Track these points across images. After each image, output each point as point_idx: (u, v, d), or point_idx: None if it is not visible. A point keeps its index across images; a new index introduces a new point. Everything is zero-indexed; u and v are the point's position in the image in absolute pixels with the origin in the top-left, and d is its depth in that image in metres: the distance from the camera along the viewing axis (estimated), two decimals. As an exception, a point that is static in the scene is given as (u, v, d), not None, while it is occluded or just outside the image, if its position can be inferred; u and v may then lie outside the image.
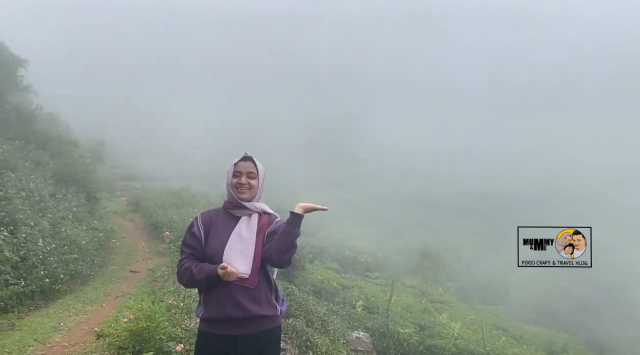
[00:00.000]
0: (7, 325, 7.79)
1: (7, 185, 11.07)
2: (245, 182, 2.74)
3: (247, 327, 2.59)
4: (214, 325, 2.61)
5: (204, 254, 2.68)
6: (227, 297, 2.57)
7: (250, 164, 2.79)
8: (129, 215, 24.58)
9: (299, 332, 7.56)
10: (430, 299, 20.33)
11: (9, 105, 15.45)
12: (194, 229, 2.74)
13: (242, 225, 2.71)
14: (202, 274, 2.55)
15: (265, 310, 2.64)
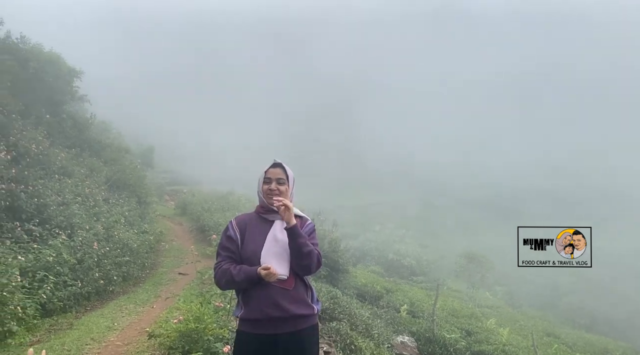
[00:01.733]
0: (66, 325, 8.21)
1: (64, 191, 11.62)
2: (275, 187, 2.81)
3: (286, 327, 2.64)
4: (253, 325, 2.66)
5: (241, 256, 2.75)
6: (266, 297, 2.62)
7: (280, 170, 2.86)
8: (177, 219, 25.36)
9: (343, 335, 7.58)
10: (477, 304, 19.84)
11: (65, 115, 16.29)
12: (230, 232, 2.82)
13: (276, 229, 2.76)
14: (242, 275, 2.62)
15: (302, 309, 2.69)
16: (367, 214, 37.03)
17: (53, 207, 10.61)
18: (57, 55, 17.55)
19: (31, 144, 11.53)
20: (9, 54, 14.55)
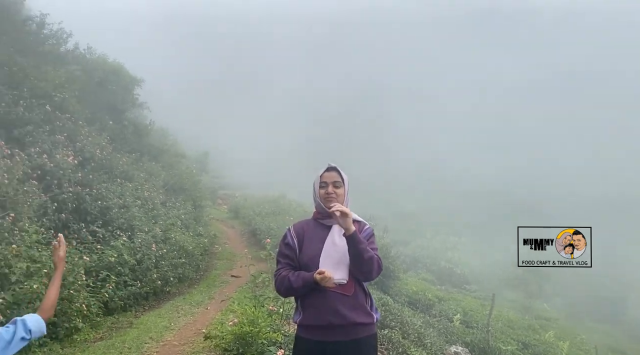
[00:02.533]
0: (126, 323, 8.56)
1: (125, 194, 12.15)
2: (332, 191, 2.78)
3: (345, 334, 2.60)
4: (312, 331, 2.65)
5: (300, 263, 2.73)
6: (325, 304, 2.59)
7: (335, 174, 2.83)
8: (230, 222, 25.95)
9: (395, 343, 7.46)
10: (534, 315, 19.03)
11: (127, 122, 17.09)
12: (288, 240, 2.80)
13: (334, 234, 2.73)
14: (300, 281, 2.61)
15: (362, 317, 2.64)
16: (417, 220, 36.45)
17: (115, 210, 11.10)
18: (120, 65, 18.48)
19: (96, 149, 12.15)
20: (77, 64, 15.48)
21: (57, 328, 7.01)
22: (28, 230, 7.50)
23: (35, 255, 7.20)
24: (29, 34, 14.33)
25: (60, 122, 11.15)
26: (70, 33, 15.97)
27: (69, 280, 7.45)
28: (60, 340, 7.00)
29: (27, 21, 14.30)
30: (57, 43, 15.48)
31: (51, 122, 10.86)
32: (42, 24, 14.82)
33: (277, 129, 58.43)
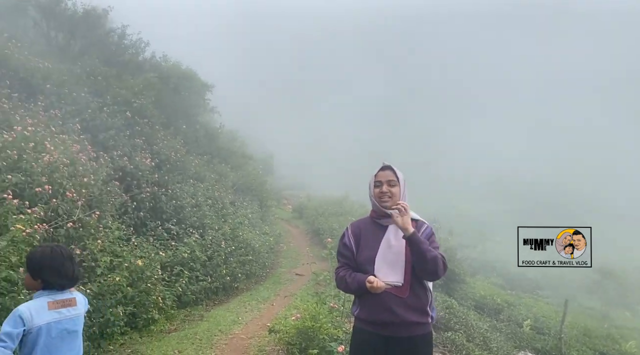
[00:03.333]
0: (197, 316, 9.04)
1: (197, 194, 12.79)
2: (386, 190, 2.77)
3: (399, 331, 2.64)
4: (368, 325, 2.72)
5: (357, 262, 2.77)
6: (380, 304, 2.64)
7: (390, 173, 2.83)
8: (294, 222, 26.49)
9: (459, 346, 7.37)
10: (613, 324, 17.87)
11: (199, 125, 17.98)
12: (345, 240, 2.86)
13: (390, 234, 2.74)
14: (355, 283, 2.67)
15: (416, 317, 2.65)
16: (484, 223, 35.27)
17: (188, 209, 11.72)
18: (193, 72, 19.46)
19: (171, 152, 12.91)
20: (153, 72, 16.50)
21: (136, 318, 7.55)
22: (111, 227, 8.14)
23: (117, 251, 7.82)
24: (111, 45, 15.48)
25: (139, 127, 11.96)
26: (148, 42, 17.09)
27: (146, 274, 8.01)
28: (139, 330, 7.53)
29: (110, 33, 15.47)
30: (136, 52, 16.63)
31: (131, 127, 11.68)
32: (123, 34, 15.98)
33: (340, 131, 58.82)
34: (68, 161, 7.58)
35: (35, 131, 7.61)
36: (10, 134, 6.99)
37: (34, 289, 2.77)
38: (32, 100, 9.37)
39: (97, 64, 12.68)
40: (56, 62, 11.69)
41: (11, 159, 6.58)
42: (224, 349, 6.69)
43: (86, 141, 9.66)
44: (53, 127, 8.71)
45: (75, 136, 9.35)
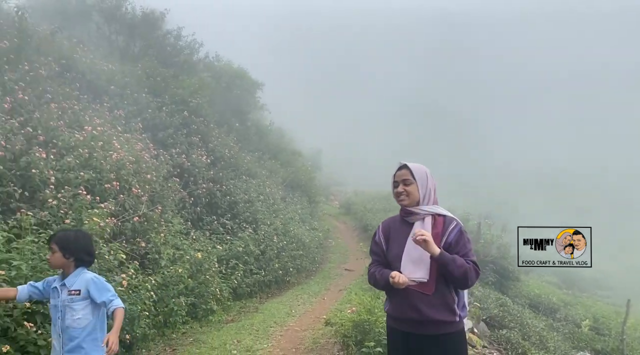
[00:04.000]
0: (252, 308, 9.35)
1: (250, 190, 13.15)
2: (402, 190, 2.78)
3: (425, 329, 2.65)
4: (397, 322, 2.77)
5: (387, 259, 2.82)
6: (406, 299, 2.67)
7: (405, 172, 2.82)
8: (341, 218, 26.61)
9: (514, 344, 7.27)
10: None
11: (250, 123, 18.43)
12: (376, 238, 2.92)
13: (415, 231, 2.71)
14: (382, 279, 2.72)
15: (442, 315, 2.63)
16: (537, 219, 34.12)
17: (241, 204, 12.09)
18: (244, 70, 19.95)
19: (225, 149, 13.33)
20: (207, 71, 17.05)
21: (196, 309, 7.91)
22: (172, 222, 8.55)
23: (178, 244, 8.21)
24: (167, 46, 16.11)
25: (195, 125, 12.43)
26: (202, 43, 17.66)
27: (204, 267, 8.37)
28: (199, 320, 7.89)
29: (167, 35, 16.11)
30: (191, 53, 17.23)
31: (188, 126, 12.16)
32: (179, 36, 16.60)
33: (385, 127, 58.53)
34: (133, 159, 8.01)
35: (102, 131, 8.09)
36: (81, 134, 7.47)
37: (64, 267, 3.11)
38: (98, 101, 9.95)
39: (156, 65, 13.26)
40: (118, 64, 12.33)
41: (83, 157, 7.04)
42: (280, 340, 6.91)
43: (147, 139, 10.15)
44: (118, 126, 9.21)
45: (138, 135, 9.85)
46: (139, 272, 6.59)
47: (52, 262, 3.11)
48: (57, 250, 3.05)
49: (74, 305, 3.05)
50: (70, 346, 3.02)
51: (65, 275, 3.11)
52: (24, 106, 7.19)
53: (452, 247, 2.68)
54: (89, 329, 3.09)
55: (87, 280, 3.11)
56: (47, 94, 8.03)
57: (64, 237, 3.11)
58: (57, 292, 3.09)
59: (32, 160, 6.19)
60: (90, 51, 11.82)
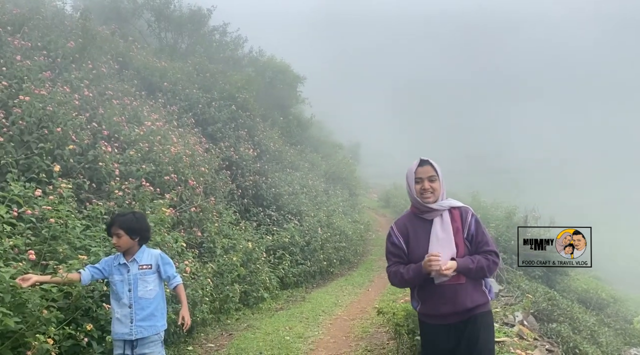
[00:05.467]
0: (299, 297, 9.60)
1: (293, 183, 13.42)
2: (428, 186, 2.76)
3: (461, 316, 2.72)
4: (431, 318, 2.81)
5: (410, 260, 2.80)
6: (441, 295, 2.70)
7: (429, 168, 2.80)
8: (381, 211, 26.59)
9: (565, 337, 7.23)
10: None
11: (292, 116, 18.71)
12: (394, 239, 2.86)
13: (436, 228, 2.75)
14: (411, 271, 2.71)
15: (476, 300, 2.71)
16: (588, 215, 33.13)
17: (286, 196, 12.36)
18: (287, 65, 20.20)
19: (270, 142, 13.66)
20: (251, 66, 17.41)
21: (248, 296, 8.23)
22: (224, 212, 8.89)
23: (231, 233, 8.55)
24: (215, 43, 16.55)
25: (242, 120, 12.78)
26: (246, 38, 18.04)
27: (254, 256, 8.68)
28: (250, 307, 8.21)
29: (213, 31, 16.55)
30: (236, 48, 17.64)
31: (235, 120, 12.52)
32: (224, 32, 17.02)
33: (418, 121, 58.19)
34: (189, 152, 8.37)
35: (160, 126, 8.48)
36: (140, 128, 7.86)
37: (130, 247, 3.38)
38: (153, 98, 10.39)
39: (204, 61, 13.68)
40: (168, 61, 12.79)
41: (143, 151, 7.42)
42: (330, 328, 7.12)
43: (199, 134, 10.54)
44: (173, 121, 9.62)
45: (190, 129, 10.24)
46: (197, 260, 6.93)
47: (120, 245, 3.36)
48: (124, 234, 3.32)
49: (147, 277, 3.38)
50: (142, 315, 3.32)
51: (132, 253, 3.40)
52: (89, 103, 7.62)
53: (474, 237, 2.77)
54: (159, 298, 3.44)
55: (156, 256, 3.48)
56: (109, 91, 8.47)
57: (127, 220, 3.37)
58: (126, 268, 3.37)
59: (99, 153, 6.59)
60: (143, 49, 12.31)
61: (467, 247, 2.75)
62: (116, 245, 3.39)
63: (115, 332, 3.36)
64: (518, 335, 6.03)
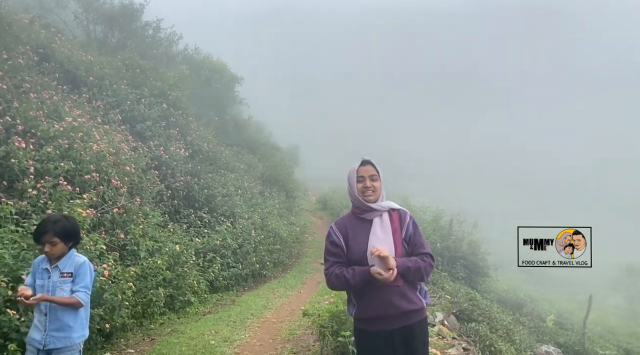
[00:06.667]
0: (229, 301, 9.45)
1: (228, 184, 13.20)
2: (369, 185, 2.78)
3: (399, 322, 2.70)
4: (367, 323, 2.75)
5: (349, 259, 2.76)
6: (379, 297, 2.67)
7: (371, 168, 2.83)
8: (319, 213, 26.78)
9: (482, 336, 7.59)
10: (639, 323, 17.74)
11: (228, 117, 18.42)
12: (334, 238, 2.82)
13: (376, 228, 2.76)
14: (357, 277, 2.65)
15: (413, 304, 2.71)
16: (511, 219, 35.13)
17: (219, 198, 12.14)
18: (223, 64, 19.87)
19: (203, 142, 13.35)
20: (186, 64, 16.97)
21: (174, 300, 7.99)
22: (151, 214, 8.59)
23: (157, 236, 8.26)
24: (146, 38, 15.97)
25: (174, 118, 12.41)
26: (181, 35, 17.55)
27: (182, 259, 8.45)
28: (176, 311, 7.97)
29: (146, 27, 15.97)
30: (170, 45, 17.10)
31: (166, 118, 12.13)
32: (158, 28, 16.46)
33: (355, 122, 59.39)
34: (113, 150, 8.02)
35: (82, 122, 8.07)
36: (60, 124, 7.45)
37: (62, 254, 3.18)
38: (77, 92, 9.87)
39: (135, 57, 13.16)
40: (96, 55, 12.20)
41: (62, 148, 7.03)
42: (257, 331, 7.06)
43: (126, 131, 10.12)
44: (97, 117, 9.18)
45: (116, 126, 9.82)
46: (118, 263, 6.65)
47: (54, 253, 3.14)
48: (59, 241, 3.12)
49: (65, 286, 3.14)
50: (56, 325, 3.11)
51: (58, 258, 3.18)
52: (2, 95, 7.13)
53: (411, 238, 2.79)
54: (75, 308, 3.19)
55: (78, 264, 3.21)
56: (26, 83, 7.96)
57: (62, 227, 3.16)
58: (47, 273, 3.15)
59: (11, 149, 6.17)
60: (68, 41, 11.67)
61: (404, 248, 2.76)
62: (49, 254, 3.13)
63: (29, 337, 3.15)
64: (438, 335, 6.27)
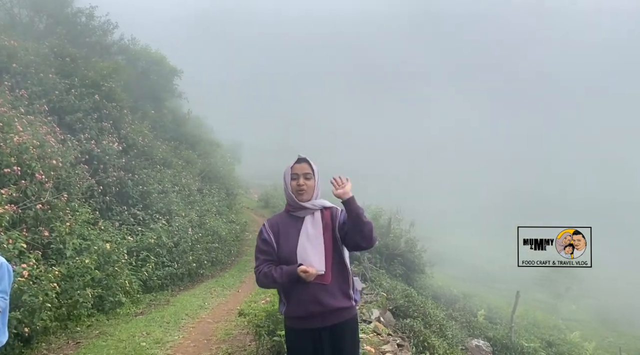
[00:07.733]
0: (164, 301, 9.15)
1: (164, 180, 12.76)
2: (303, 183, 2.78)
3: (327, 320, 2.70)
4: (298, 321, 2.75)
5: (279, 257, 2.76)
6: (306, 294, 2.67)
7: (306, 165, 2.83)
8: (260, 211, 26.57)
9: (417, 332, 7.78)
10: (561, 316, 18.93)
11: (166, 110, 17.80)
12: (265, 236, 2.81)
13: (307, 225, 2.77)
14: (284, 276, 2.65)
15: (341, 302, 2.72)
16: (447, 218, 36.48)
17: (155, 195, 11.71)
18: (162, 56, 19.18)
19: (138, 136, 12.78)
20: (122, 55, 16.21)
21: (103, 301, 7.61)
22: (79, 210, 8.12)
23: (85, 234, 7.83)
24: (78, 25, 15.11)
25: (107, 110, 11.76)
26: (116, 24, 16.71)
27: (113, 258, 8.06)
28: (106, 312, 7.60)
29: (78, 13, 15.09)
30: (104, 34, 16.25)
31: (99, 110, 11.49)
32: (91, 15, 15.59)
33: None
34: (37, 143, 7.51)
35: (3, 112, 7.50)
36: (-23, 113, 6.89)
37: None
38: (-2, 79, 9.17)
39: (65, 45, 12.38)
40: (20, 41, 11.37)
41: (-22, 139, 6.51)
42: (191, 332, 6.86)
43: (53, 123, 9.52)
44: (20, 107, 8.56)
45: (43, 117, 9.22)
46: (40, 263, 6.23)
47: None
48: None
49: None
50: None
51: None
52: None
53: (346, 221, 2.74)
54: None
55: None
56: (-63, 67, 7.29)
57: None
58: None
59: None
60: (-11, 24, 10.82)
61: (336, 244, 2.76)
62: None
63: None
64: (374, 332, 6.34)
